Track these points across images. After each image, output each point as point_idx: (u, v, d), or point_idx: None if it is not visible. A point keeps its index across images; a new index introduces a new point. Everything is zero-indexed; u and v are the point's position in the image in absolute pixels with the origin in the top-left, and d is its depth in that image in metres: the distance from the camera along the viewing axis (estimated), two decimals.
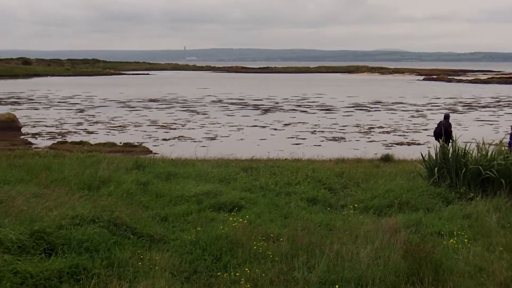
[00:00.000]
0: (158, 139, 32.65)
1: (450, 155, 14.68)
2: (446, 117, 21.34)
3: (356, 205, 12.37)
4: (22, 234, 8.51)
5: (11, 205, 10.23)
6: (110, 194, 12.22)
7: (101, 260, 8.35)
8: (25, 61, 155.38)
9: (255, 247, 9.05)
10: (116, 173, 14.44)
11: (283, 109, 54.11)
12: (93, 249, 8.63)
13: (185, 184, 13.82)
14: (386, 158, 23.57)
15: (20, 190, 11.60)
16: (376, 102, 61.91)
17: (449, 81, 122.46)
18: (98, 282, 7.61)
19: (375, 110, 53.58)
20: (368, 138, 35.30)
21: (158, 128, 38.00)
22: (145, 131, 36.10)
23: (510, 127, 22.18)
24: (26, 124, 37.84)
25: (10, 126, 34.74)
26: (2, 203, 10.54)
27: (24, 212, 9.69)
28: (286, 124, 41.46)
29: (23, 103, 56.12)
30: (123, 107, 54.14)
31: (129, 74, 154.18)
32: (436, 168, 14.59)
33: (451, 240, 9.81)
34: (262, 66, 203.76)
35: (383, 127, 40.14)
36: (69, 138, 31.90)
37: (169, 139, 32.90)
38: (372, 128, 39.85)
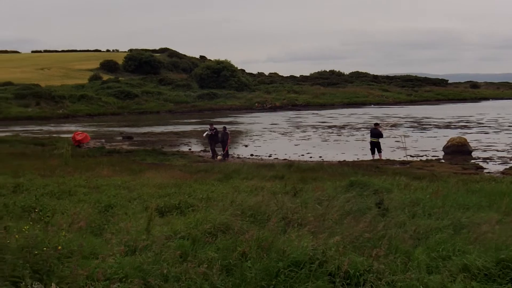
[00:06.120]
0: None
1: None
2: None
3: None
4: (487, 262, 8.49)
5: (474, 231, 10.29)
6: None
7: None
8: (473, 85, 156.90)
9: None
10: None
11: None
12: None
13: None
14: None
15: (482, 216, 11.61)
16: None
17: None
18: None
19: None
20: None
21: None
22: None
23: None
24: (476, 148, 37.76)
25: (461, 150, 35.21)
26: (464, 228, 10.70)
27: (489, 239, 9.65)
28: None
29: (472, 127, 56.30)
30: None
31: None
32: None
33: None
34: None
35: None
36: None
37: None
38: None
